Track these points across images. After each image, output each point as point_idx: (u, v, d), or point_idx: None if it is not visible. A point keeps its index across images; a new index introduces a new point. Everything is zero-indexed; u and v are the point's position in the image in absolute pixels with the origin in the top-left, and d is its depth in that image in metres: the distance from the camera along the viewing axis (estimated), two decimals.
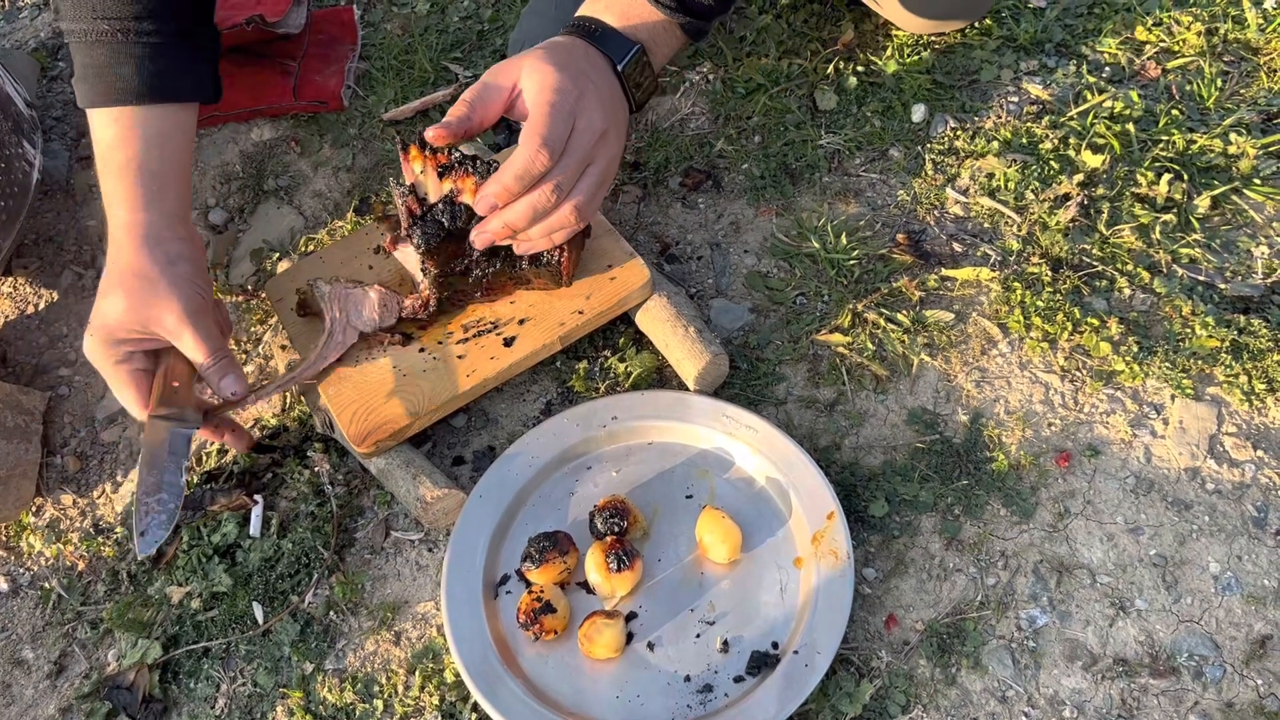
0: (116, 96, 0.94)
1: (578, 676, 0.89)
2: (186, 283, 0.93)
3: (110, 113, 0.94)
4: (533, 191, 0.89)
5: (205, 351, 0.93)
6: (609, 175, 0.93)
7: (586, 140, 0.89)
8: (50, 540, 1.08)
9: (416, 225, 0.95)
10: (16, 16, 1.62)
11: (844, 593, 0.87)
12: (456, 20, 1.43)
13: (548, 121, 0.87)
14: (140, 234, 0.93)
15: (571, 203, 0.90)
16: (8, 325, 1.25)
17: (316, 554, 1.01)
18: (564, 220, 0.91)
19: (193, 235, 0.97)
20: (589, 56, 0.94)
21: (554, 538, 0.92)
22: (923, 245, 1.11)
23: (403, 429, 0.97)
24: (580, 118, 0.89)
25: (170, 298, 0.91)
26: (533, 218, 0.90)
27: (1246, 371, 0.98)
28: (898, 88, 1.23)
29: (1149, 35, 1.25)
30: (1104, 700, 0.85)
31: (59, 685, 1.00)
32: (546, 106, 0.87)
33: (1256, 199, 1.10)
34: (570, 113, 0.88)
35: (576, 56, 0.93)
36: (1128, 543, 0.92)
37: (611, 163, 0.93)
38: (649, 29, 0.97)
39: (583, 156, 0.89)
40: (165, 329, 0.92)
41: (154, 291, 0.91)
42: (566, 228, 0.92)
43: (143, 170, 0.94)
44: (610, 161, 0.93)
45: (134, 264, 0.92)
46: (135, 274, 0.92)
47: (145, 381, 0.94)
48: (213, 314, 0.96)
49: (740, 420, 0.98)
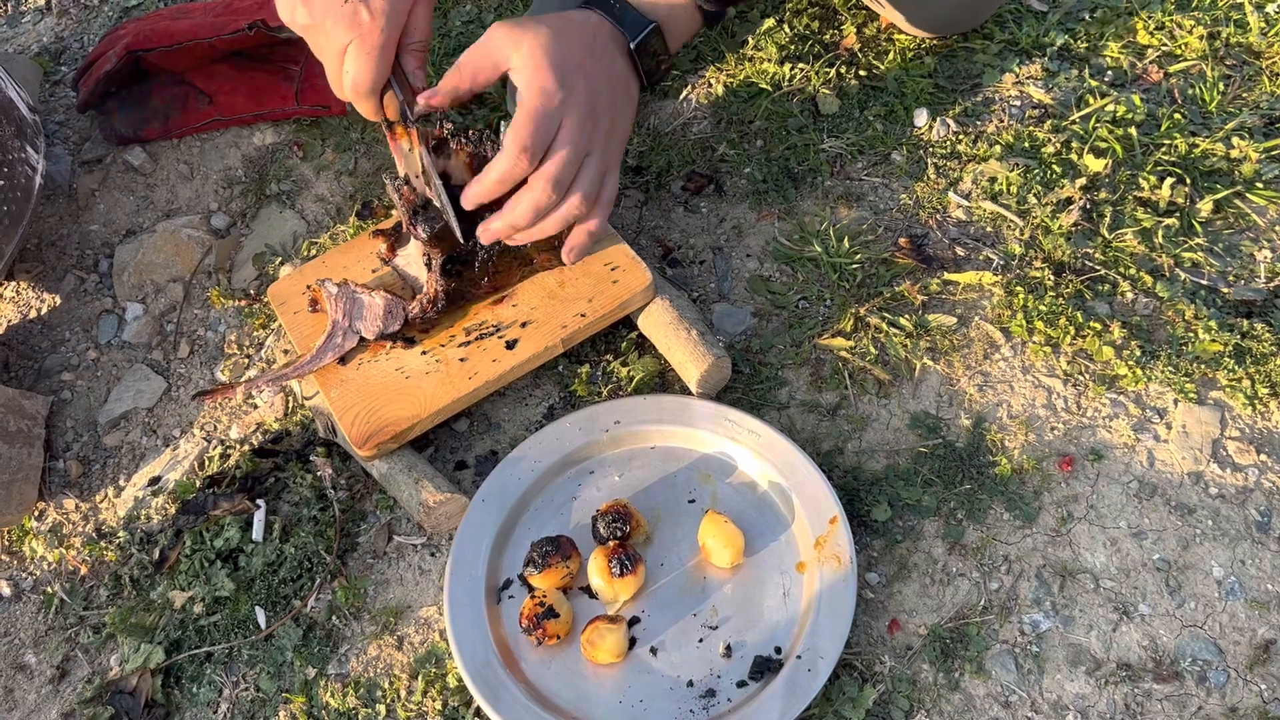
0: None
1: (580, 681, 0.89)
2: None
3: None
4: (533, 190, 0.90)
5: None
6: (614, 160, 0.95)
7: (576, 137, 0.90)
8: (52, 545, 1.08)
9: (419, 215, 0.96)
10: (19, 21, 1.63)
11: (847, 597, 0.87)
12: (459, 24, 1.43)
13: (530, 127, 0.88)
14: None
15: (577, 195, 0.92)
16: (10, 330, 1.25)
17: (319, 558, 1.01)
18: (572, 212, 0.93)
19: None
20: (597, 36, 0.95)
21: (556, 542, 0.92)
22: (925, 249, 1.11)
23: (405, 431, 0.97)
24: (567, 117, 0.90)
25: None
26: (535, 216, 0.92)
27: (1249, 375, 0.98)
28: (900, 92, 1.23)
29: (1151, 39, 1.25)
30: (1107, 705, 0.85)
31: (61, 690, 1.00)
32: (530, 111, 0.88)
33: (1259, 203, 1.10)
34: (555, 115, 0.89)
35: (581, 40, 0.93)
36: (1131, 547, 0.92)
37: (614, 148, 0.94)
38: (668, 8, 0.98)
39: (575, 152, 0.90)
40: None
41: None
42: (577, 218, 0.94)
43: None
44: (613, 147, 0.94)
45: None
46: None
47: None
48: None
49: (743, 424, 0.98)
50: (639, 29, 0.97)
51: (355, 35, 0.90)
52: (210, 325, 1.21)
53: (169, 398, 1.16)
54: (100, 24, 1.57)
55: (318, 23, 0.91)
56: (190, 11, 1.38)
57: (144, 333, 1.21)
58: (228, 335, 1.19)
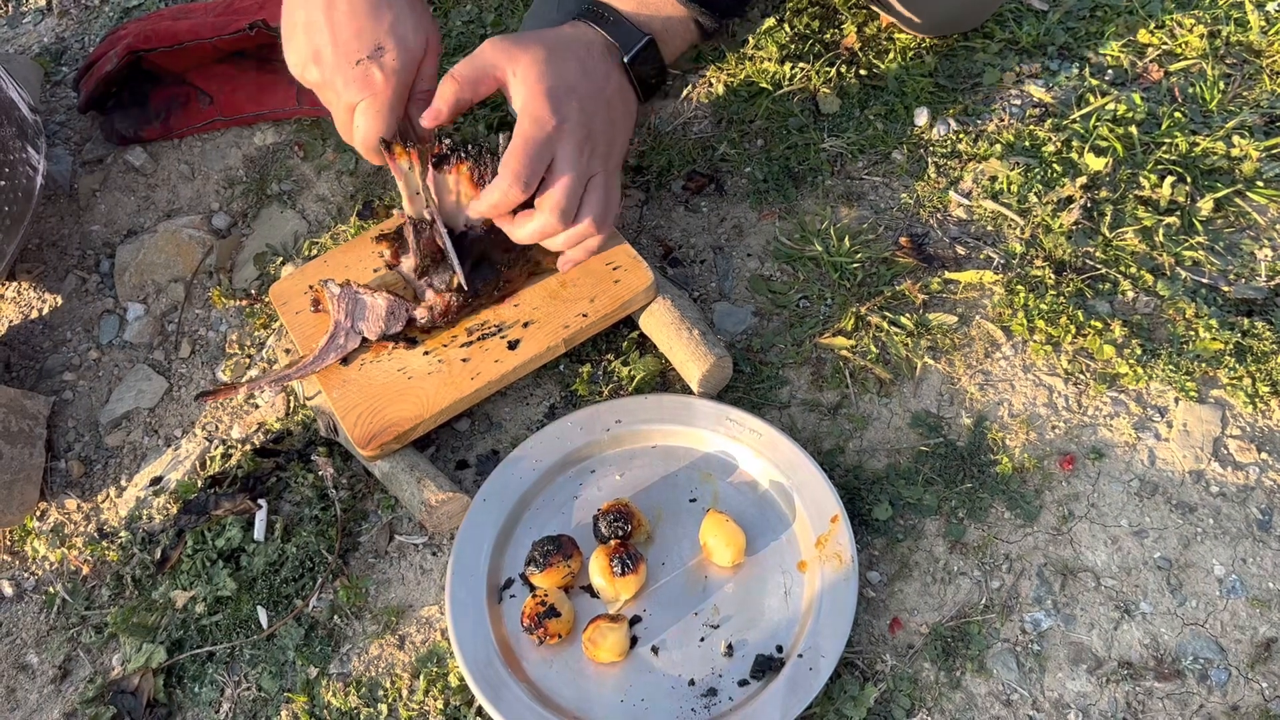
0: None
1: (582, 680, 0.89)
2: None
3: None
4: (541, 217, 0.92)
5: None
6: (614, 174, 0.96)
7: (576, 163, 0.91)
8: (54, 545, 1.08)
9: (453, 253, 0.98)
10: (20, 22, 1.63)
11: (848, 596, 0.87)
12: (459, 24, 1.43)
13: (524, 156, 0.89)
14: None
15: (588, 220, 0.94)
16: (12, 330, 1.25)
17: (320, 558, 1.01)
18: (583, 234, 0.95)
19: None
20: (591, 52, 0.95)
21: (558, 541, 0.92)
22: (926, 248, 1.11)
23: (407, 432, 0.97)
24: (564, 143, 0.90)
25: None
26: (540, 239, 0.94)
27: (1250, 374, 0.98)
28: (900, 91, 1.23)
29: (1151, 38, 1.25)
30: (1109, 704, 0.85)
31: (63, 690, 1.00)
32: (524, 139, 0.89)
33: (1260, 201, 1.10)
34: (549, 143, 0.90)
35: (575, 58, 0.93)
36: (1132, 545, 0.92)
37: (614, 164, 0.95)
38: (664, 21, 0.98)
39: (579, 178, 0.92)
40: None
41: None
42: (590, 241, 0.96)
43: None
44: (612, 164, 0.95)
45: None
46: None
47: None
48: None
49: (744, 424, 0.98)
50: (633, 42, 0.97)
51: (367, 95, 0.90)
52: (211, 325, 1.21)
53: (170, 398, 1.16)
54: (101, 24, 1.57)
55: (328, 80, 0.91)
56: (191, 11, 1.38)
57: (145, 333, 1.21)
58: (229, 335, 1.19)
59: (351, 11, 0.89)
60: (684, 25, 0.99)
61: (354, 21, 0.89)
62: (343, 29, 0.89)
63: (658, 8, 0.98)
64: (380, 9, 0.89)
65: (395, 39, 0.90)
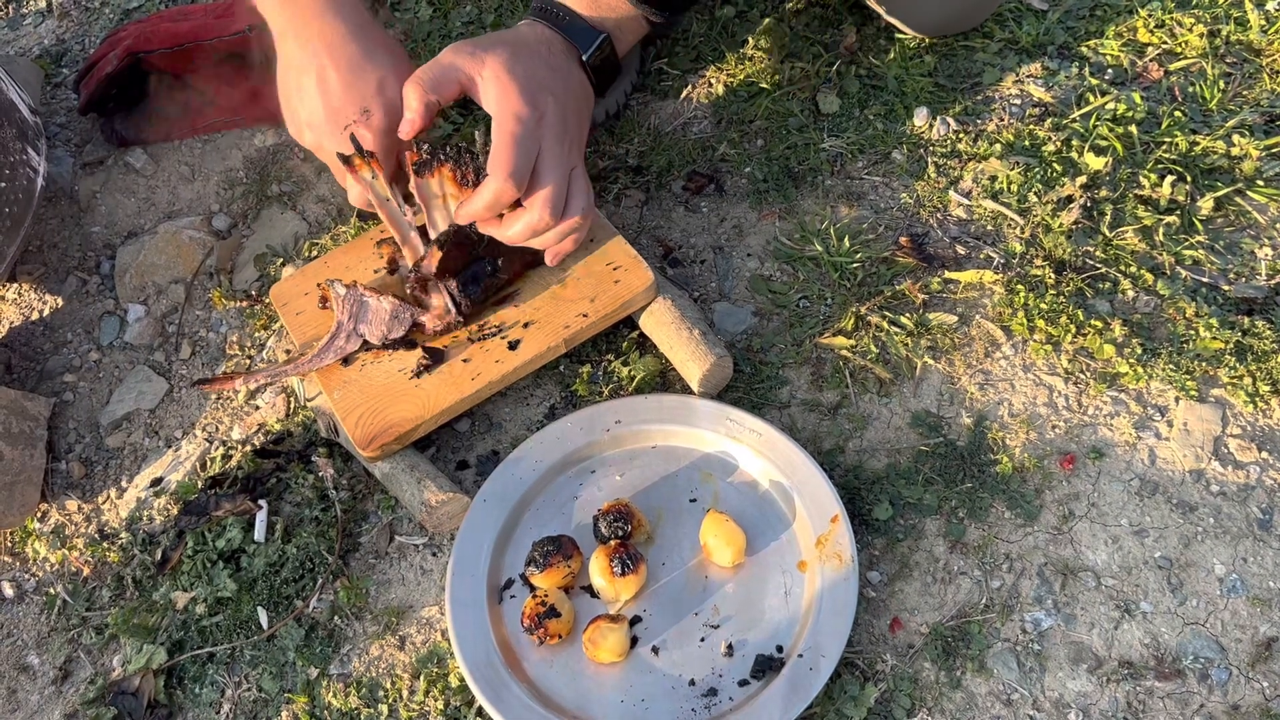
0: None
1: (582, 680, 0.89)
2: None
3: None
4: (531, 214, 0.93)
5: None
6: (581, 163, 0.98)
7: (559, 156, 0.92)
8: (55, 546, 1.08)
9: (451, 277, 0.99)
10: (20, 23, 1.63)
11: (848, 596, 0.87)
12: (459, 25, 1.43)
13: (511, 156, 0.90)
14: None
15: (578, 213, 0.96)
16: (12, 331, 1.25)
17: (321, 559, 1.01)
18: (573, 227, 0.97)
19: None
20: (552, 51, 0.97)
21: (558, 542, 0.93)
22: (926, 248, 1.11)
23: (408, 432, 0.97)
24: (545, 140, 0.92)
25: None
26: (530, 236, 0.96)
27: (1251, 373, 0.98)
28: (900, 91, 1.23)
29: (1151, 37, 1.25)
30: (1109, 703, 0.85)
31: (64, 691, 1.00)
32: (510, 138, 0.90)
33: (1260, 200, 1.10)
34: (534, 139, 0.91)
35: (538, 55, 0.95)
36: (1132, 545, 0.92)
37: (580, 154, 0.98)
38: (616, 20, 1.01)
39: (563, 172, 0.93)
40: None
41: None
42: (579, 232, 0.98)
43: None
44: (581, 154, 0.98)
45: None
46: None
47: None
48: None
49: (744, 424, 0.98)
50: (590, 40, 0.99)
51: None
52: (212, 326, 1.21)
53: (171, 399, 1.16)
54: (101, 26, 1.57)
55: (321, 144, 0.98)
56: (191, 13, 1.38)
57: (146, 334, 1.21)
58: (229, 336, 1.19)
59: (340, 78, 0.95)
60: (635, 22, 1.02)
61: (341, 87, 0.95)
62: (332, 95, 0.95)
63: (611, 7, 1.01)
64: (365, 74, 0.95)
65: (382, 101, 0.95)
